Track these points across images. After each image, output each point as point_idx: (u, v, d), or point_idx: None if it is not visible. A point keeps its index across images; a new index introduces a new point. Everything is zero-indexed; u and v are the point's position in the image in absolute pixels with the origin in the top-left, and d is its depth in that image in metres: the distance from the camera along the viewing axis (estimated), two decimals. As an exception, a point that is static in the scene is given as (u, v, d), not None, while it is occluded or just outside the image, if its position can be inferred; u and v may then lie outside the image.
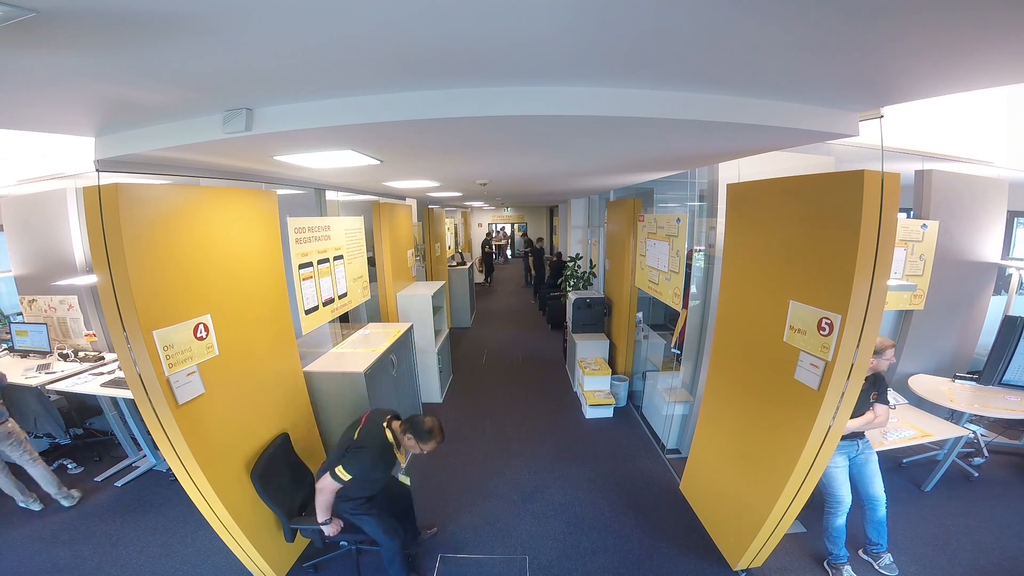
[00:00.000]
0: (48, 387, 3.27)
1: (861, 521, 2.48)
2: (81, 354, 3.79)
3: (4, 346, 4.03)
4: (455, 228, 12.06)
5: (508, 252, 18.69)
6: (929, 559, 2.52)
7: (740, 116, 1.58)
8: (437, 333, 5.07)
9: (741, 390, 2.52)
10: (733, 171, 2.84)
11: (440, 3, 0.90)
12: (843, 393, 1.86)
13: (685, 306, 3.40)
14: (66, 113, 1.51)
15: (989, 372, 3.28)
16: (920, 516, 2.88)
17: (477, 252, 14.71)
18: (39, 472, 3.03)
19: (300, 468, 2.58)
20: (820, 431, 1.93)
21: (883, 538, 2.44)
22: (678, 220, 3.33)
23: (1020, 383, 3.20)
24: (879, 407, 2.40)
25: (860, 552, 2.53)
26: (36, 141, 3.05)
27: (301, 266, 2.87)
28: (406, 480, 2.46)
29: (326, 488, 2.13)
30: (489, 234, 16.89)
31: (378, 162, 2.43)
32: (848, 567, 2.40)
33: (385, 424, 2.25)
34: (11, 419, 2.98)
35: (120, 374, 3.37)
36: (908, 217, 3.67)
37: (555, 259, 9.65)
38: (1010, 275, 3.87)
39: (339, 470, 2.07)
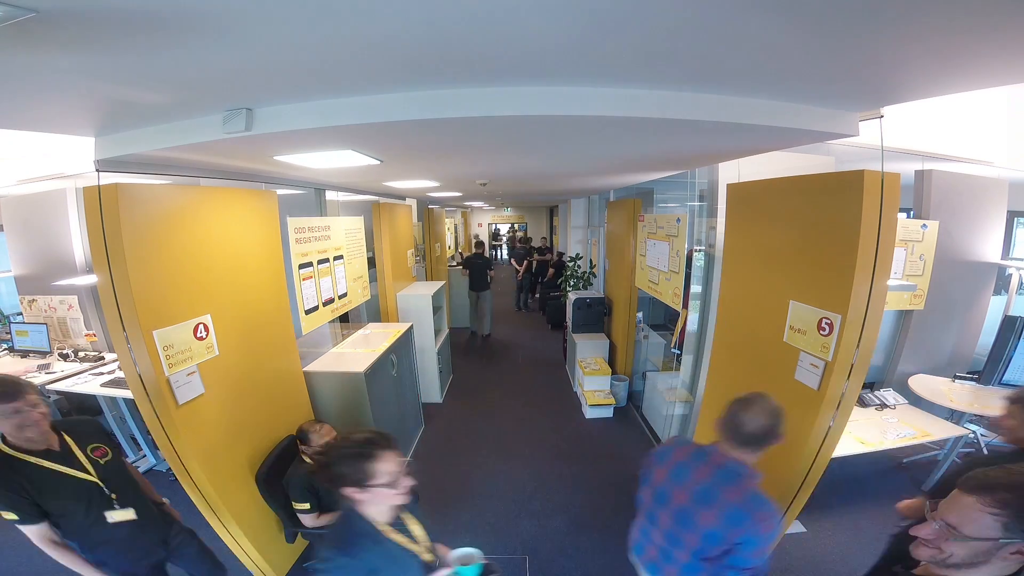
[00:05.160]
0: (48, 387, 3.27)
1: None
2: (81, 354, 3.79)
3: (4, 346, 4.03)
4: (455, 228, 12.04)
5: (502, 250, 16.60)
6: (929, 559, 2.52)
7: (741, 116, 1.58)
8: (437, 333, 5.07)
9: (741, 390, 2.50)
10: (733, 171, 2.84)
11: (442, 4, 0.90)
12: (843, 393, 1.86)
13: (685, 306, 3.39)
14: (66, 113, 1.51)
15: (989, 372, 3.28)
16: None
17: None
18: None
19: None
20: (820, 431, 1.93)
21: None
22: (678, 220, 3.33)
23: (1020, 383, 3.20)
24: None
25: None
26: (36, 141, 3.04)
27: (301, 266, 2.87)
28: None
29: (307, 522, 2.23)
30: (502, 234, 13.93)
31: (378, 162, 2.43)
32: None
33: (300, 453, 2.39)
34: None
35: (120, 374, 3.37)
36: (908, 217, 3.67)
37: (555, 259, 9.55)
38: (1010, 275, 3.87)
39: (296, 505, 2.21)
